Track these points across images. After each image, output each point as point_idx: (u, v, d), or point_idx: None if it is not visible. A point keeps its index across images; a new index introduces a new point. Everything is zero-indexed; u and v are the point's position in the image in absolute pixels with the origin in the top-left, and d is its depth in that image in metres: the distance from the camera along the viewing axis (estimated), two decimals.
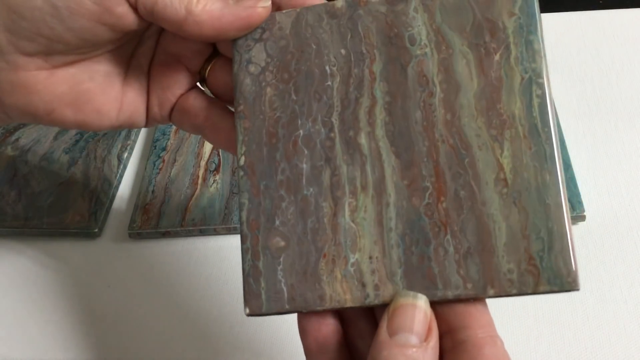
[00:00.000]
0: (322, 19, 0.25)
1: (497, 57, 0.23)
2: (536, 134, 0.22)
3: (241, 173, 0.25)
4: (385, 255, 0.23)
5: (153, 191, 0.41)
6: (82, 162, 0.44)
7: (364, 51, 0.25)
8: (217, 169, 0.42)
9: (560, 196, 0.22)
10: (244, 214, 0.25)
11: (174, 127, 0.45)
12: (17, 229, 0.41)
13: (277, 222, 0.24)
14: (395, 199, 0.23)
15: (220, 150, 0.43)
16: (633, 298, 0.33)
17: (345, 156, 0.24)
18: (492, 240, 0.22)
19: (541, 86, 0.23)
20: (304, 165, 0.24)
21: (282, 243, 0.24)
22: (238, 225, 0.38)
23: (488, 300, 0.34)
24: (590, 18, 0.48)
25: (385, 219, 0.23)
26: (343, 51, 0.25)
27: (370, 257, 0.23)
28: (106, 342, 0.35)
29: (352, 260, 0.23)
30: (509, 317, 0.33)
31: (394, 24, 0.25)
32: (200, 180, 0.41)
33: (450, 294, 0.22)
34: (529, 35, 0.23)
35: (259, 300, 0.24)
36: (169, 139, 0.44)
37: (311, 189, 0.24)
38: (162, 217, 0.40)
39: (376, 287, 0.23)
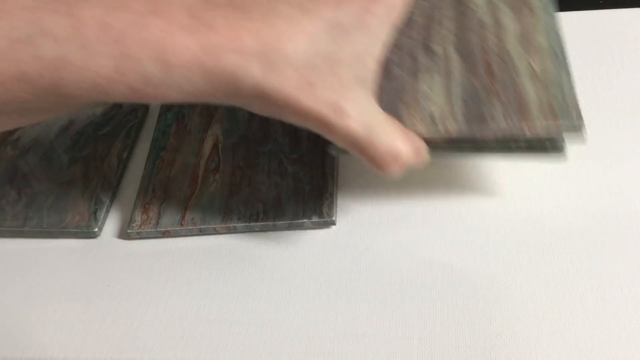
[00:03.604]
0: None
1: (528, 16, 0.37)
2: (555, 55, 0.35)
3: None
4: (451, 106, 0.33)
5: (153, 190, 0.41)
6: (82, 161, 0.44)
7: (440, 5, 0.38)
8: (217, 168, 0.42)
9: (572, 86, 0.33)
10: None
11: (174, 127, 0.45)
12: (17, 229, 0.41)
13: None
14: (460, 78, 0.34)
15: (220, 149, 0.43)
16: (633, 298, 0.33)
17: (424, 55, 0.35)
18: (526, 104, 0.32)
19: (557, 32, 0.36)
20: (394, 57, 0.35)
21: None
22: (238, 225, 0.39)
23: (489, 301, 0.34)
24: (590, 18, 0.48)
25: (452, 87, 0.34)
26: (425, 4, 0.38)
27: (440, 108, 0.33)
28: (106, 342, 0.35)
29: (426, 108, 0.33)
30: (509, 316, 0.33)
31: None
32: (200, 180, 0.41)
33: (497, 130, 0.32)
34: (547, 8, 0.37)
35: None
36: (168, 139, 0.44)
37: (398, 69, 0.35)
38: (162, 216, 0.40)
39: (443, 125, 0.32)
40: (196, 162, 0.42)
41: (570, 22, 0.48)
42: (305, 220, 0.38)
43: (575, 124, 0.31)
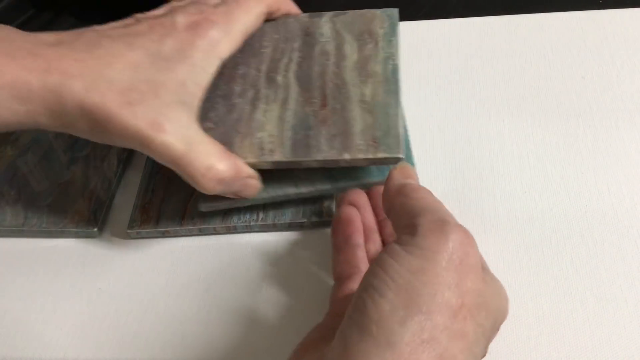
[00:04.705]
0: (264, 21, 0.40)
1: (370, 45, 0.39)
2: (387, 82, 0.37)
3: None
4: (281, 135, 0.35)
5: (153, 190, 0.41)
6: (82, 161, 0.44)
7: (289, 36, 0.40)
8: None
9: (397, 111, 0.35)
10: None
11: None
12: (17, 228, 0.41)
13: (211, 114, 0.36)
14: (294, 107, 0.36)
15: None
16: (633, 298, 0.33)
17: (265, 85, 0.38)
18: (352, 130, 0.35)
19: (394, 60, 0.38)
20: (237, 88, 0.38)
21: (212, 125, 0.36)
22: (237, 225, 0.39)
23: None
24: (590, 18, 0.48)
25: (285, 116, 0.36)
26: (276, 36, 0.40)
27: (270, 136, 0.35)
28: (106, 342, 0.35)
29: (257, 136, 0.35)
30: (509, 316, 0.33)
31: (310, 26, 0.41)
32: None
33: (320, 156, 0.34)
34: (390, 37, 0.39)
35: None
36: None
37: (239, 100, 0.37)
38: (161, 216, 0.40)
39: (270, 151, 0.35)
40: None
41: (570, 22, 0.48)
42: (304, 220, 0.38)
43: (394, 156, 0.34)
